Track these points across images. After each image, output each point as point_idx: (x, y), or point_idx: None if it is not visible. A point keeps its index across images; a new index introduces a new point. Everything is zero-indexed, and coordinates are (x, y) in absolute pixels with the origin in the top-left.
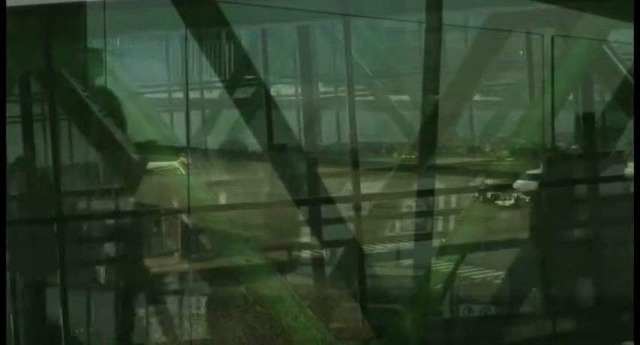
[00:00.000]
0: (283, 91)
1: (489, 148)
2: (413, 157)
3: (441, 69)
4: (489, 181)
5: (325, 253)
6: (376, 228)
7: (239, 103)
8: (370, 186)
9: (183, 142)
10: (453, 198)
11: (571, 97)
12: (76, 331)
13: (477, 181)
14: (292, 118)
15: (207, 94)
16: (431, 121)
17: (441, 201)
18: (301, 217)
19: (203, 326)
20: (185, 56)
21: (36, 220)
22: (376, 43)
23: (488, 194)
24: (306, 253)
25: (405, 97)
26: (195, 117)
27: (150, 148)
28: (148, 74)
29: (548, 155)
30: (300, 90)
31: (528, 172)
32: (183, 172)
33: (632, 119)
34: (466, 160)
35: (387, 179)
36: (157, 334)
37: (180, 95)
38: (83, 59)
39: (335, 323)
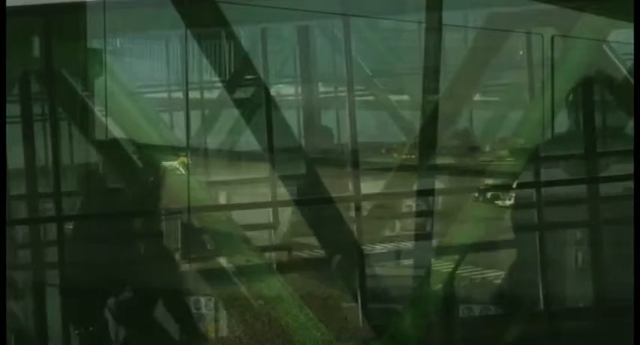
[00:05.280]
0: (283, 91)
1: (489, 148)
2: (413, 157)
3: (441, 69)
4: (489, 181)
5: (325, 253)
6: (376, 228)
7: (239, 103)
8: (370, 186)
9: (183, 142)
10: (453, 198)
11: (571, 97)
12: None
13: (477, 181)
14: (292, 118)
15: (207, 94)
16: (431, 121)
17: (440, 201)
18: (301, 217)
19: (202, 326)
20: (185, 56)
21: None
22: (376, 43)
23: (489, 194)
24: (306, 253)
25: (405, 97)
26: (195, 117)
27: (149, 148)
28: (148, 74)
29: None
30: (300, 90)
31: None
32: (183, 172)
33: (631, 119)
34: (466, 160)
35: (387, 179)
36: (156, 334)
37: (180, 95)
38: (83, 59)
39: (335, 323)
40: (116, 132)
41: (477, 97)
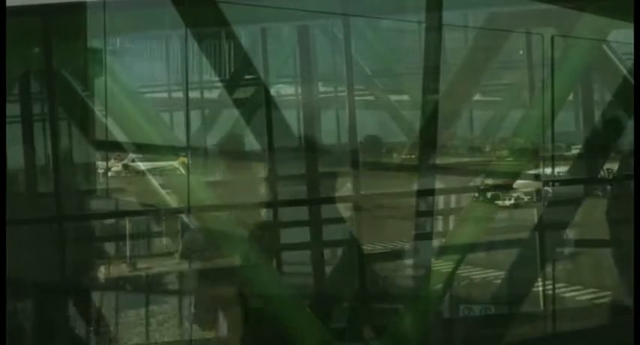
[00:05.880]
0: (283, 91)
1: (489, 148)
2: (413, 157)
3: (441, 69)
4: (489, 181)
5: (325, 252)
6: (376, 228)
7: (239, 103)
8: (370, 186)
9: (183, 142)
10: (453, 198)
11: (571, 97)
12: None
13: (477, 181)
14: (292, 118)
15: (207, 94)
16: (431, 121)
17: (440, 201)
18: (301, 217)
19: (203, 326)
20: (185, 56)
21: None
22: (376, 43)
23: (488, 194)
24: (306, 253)
25: (405, 97)
26: (195, 117)
27: (150, 148)
28: (148, 74)
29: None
30: (300, 90)
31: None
32: (183, 172)
33: (632, 119)
34: (466, 160)
35: (387, 179)
36: (156, 334)
37: (180, 95)
38: (83, 59)
39: (335, 323)
40: (116, 132)
41: (476, 97)
